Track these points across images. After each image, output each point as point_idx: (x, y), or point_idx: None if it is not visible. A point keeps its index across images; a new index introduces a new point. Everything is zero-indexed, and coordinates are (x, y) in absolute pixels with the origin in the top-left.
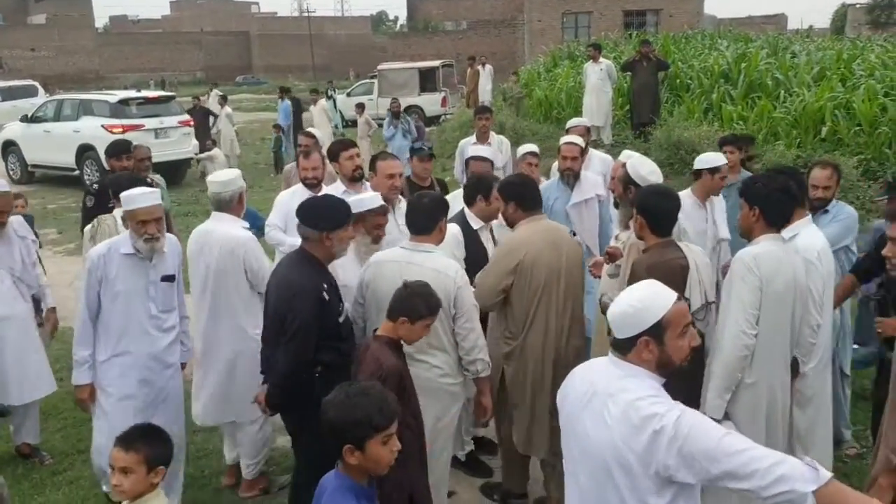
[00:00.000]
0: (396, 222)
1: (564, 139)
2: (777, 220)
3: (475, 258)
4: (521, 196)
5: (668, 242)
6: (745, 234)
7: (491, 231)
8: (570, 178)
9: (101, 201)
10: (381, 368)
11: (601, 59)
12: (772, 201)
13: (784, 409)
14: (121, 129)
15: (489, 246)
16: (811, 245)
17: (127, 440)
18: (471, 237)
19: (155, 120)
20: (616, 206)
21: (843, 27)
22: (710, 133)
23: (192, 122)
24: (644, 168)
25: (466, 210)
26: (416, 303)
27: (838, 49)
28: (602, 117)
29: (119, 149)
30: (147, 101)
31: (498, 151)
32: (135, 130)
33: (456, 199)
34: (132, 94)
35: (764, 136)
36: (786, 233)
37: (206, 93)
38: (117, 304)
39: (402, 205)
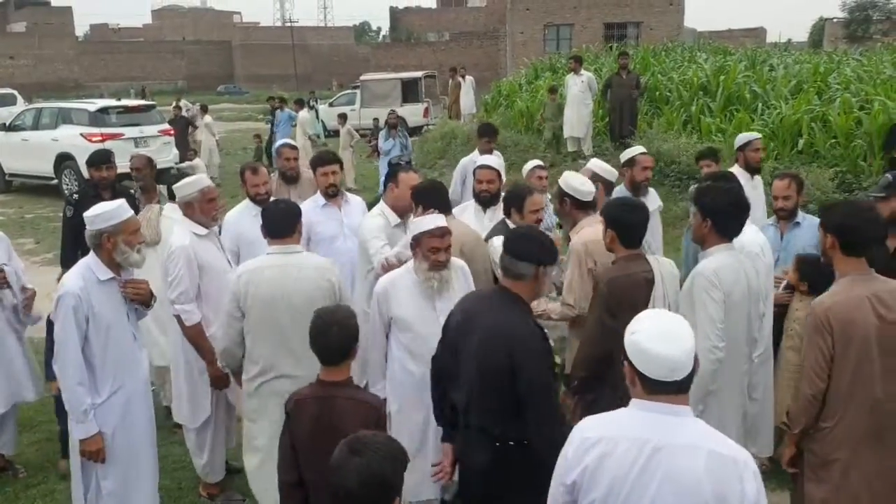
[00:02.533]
0: (405, 234)
1: (639, 150)
2: (729, 231)
3: None
4: (432, 201)
5: (635, 255)
6: (697, 242)
7: None
8: (645, 188)
9: (81, 211)
10: (375, 410)
11: (582, 72)
12: (724, 214)
13: (766, 408)
14: (100, 138)
15: None
16: (754, 239)
17: None
18: None
19: (135, 129)
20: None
21: (821, 41)
22: (690, 145)
23: (172, 132)
24: (576, 181)
25: (508, 222)
26: (352, 322)
27: (815, 63)
28: (583, 129)
29: (96, 159)
30: (127, 109)
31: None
32: (114, 139)
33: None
34: (112, 102)
35: None
36: None
37: (175, 103)
38: (110, 338)
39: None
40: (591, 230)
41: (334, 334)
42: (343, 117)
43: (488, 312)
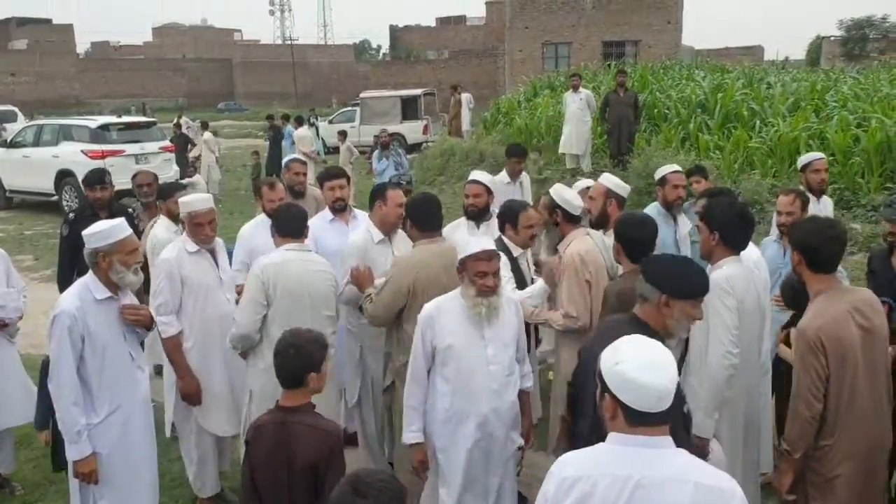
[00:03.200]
0: (392, 251)
1: (672, 168)
2: (736, 244)
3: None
4: (420, 216)
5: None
6: (705, 257)
7: (528, 259)
8: (678, 207)
9: (78, 230)
10: (332, 438)
11: (580, 89)
12: (731, 226)
13: (765, 421)
14: (101, 155)
15: (528, 274)
16: (748, 256)
17: None
18: (512, 265)
19: (136, 145)
20: (592, 225)
21: (818, 59)
22: (688, 162)
23: (173, 148)
24: (568, 193)
25: (504, 238)
26: (312, 350)
27: (812, 80)
28: (582, 146)
29: (92, 179)
30: (128, 126)
31: (519, 186)
32: (115, 156)
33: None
34: (113, 119)
35: (740, 166)
36: None
37: (176, 119)
38: (107, 357)
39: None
40: (581, 242)
41: (290, 357)
42: (343, 134)
43: (613, 339)
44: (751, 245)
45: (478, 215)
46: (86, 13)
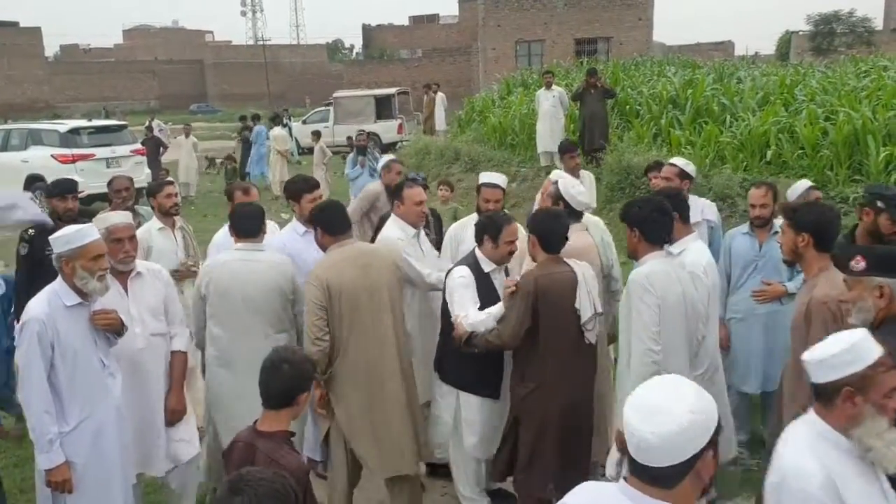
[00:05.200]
0: (422, 248)
1: (675, 160)
2: (657, 238)
3: (487, 304)
4: (327, 221)
5: (556, 259)
6: (632, 256)
7: (506, 272)
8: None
9: (39, 248)
10: (290, 476)
11: (553, 87)
12: (650, 222)
13: (722, 408)
14: (71, 159)
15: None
16: (698, 260)
17: None
18: (482, 281)
19: (107, 149)
20: None
21: (788, 54)
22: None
23: (144, 151)
24: (574, 189)
25: (478, 252)
26: (306, 368)
27: (782, 75)
28: (556, 143)
29: (62, 188)
30: (98, 130)
31: (590, 188)
32: (86, 160)
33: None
34: (83, 123)
35: (711, 160)
36: (674, 248)
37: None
38: (78, 365)
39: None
40: (576, 239)
41: (285, 372)
42: (317, 134)
43: None
44: (700, 250)
45: None
46: (54, 16)
